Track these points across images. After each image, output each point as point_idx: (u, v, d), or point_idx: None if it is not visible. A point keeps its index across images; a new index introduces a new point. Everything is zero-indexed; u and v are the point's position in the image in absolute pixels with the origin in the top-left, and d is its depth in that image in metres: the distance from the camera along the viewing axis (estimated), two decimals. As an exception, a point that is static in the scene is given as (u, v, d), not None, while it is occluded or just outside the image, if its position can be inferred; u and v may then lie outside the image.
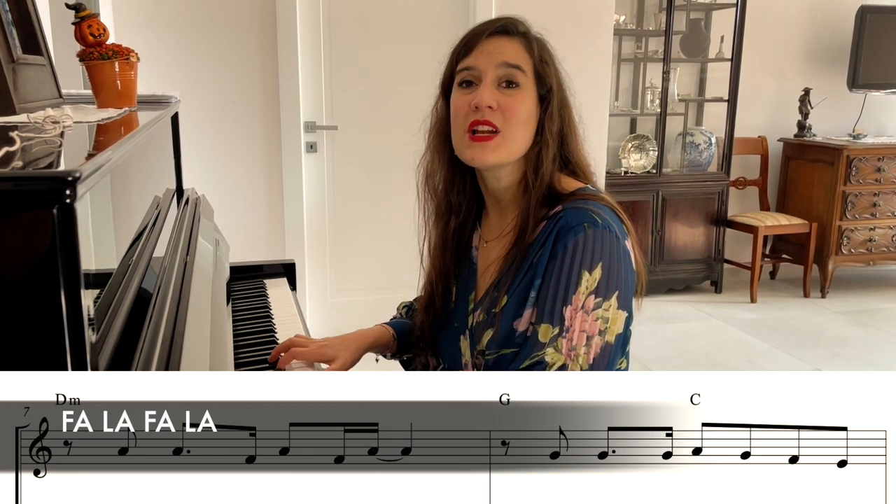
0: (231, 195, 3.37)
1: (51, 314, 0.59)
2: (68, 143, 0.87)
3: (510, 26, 1.21)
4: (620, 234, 1.15)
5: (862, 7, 4.52)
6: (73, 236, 0.59)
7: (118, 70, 1.31)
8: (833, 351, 3.66)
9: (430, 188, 1.31)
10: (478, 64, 1.18)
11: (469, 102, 1.17)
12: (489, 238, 1.29)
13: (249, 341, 1.47)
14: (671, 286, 4.53)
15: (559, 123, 1.22)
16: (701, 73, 4.68)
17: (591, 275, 1.11)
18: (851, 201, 4.43)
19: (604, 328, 1.12)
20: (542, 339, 1.12)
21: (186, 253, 1.35)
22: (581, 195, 1.19)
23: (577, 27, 3.63)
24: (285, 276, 1.90)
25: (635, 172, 4.42)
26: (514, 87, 1.18)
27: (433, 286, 1.34)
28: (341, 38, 3.43)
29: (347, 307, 3.61)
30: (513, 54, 1.18)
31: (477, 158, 1.18)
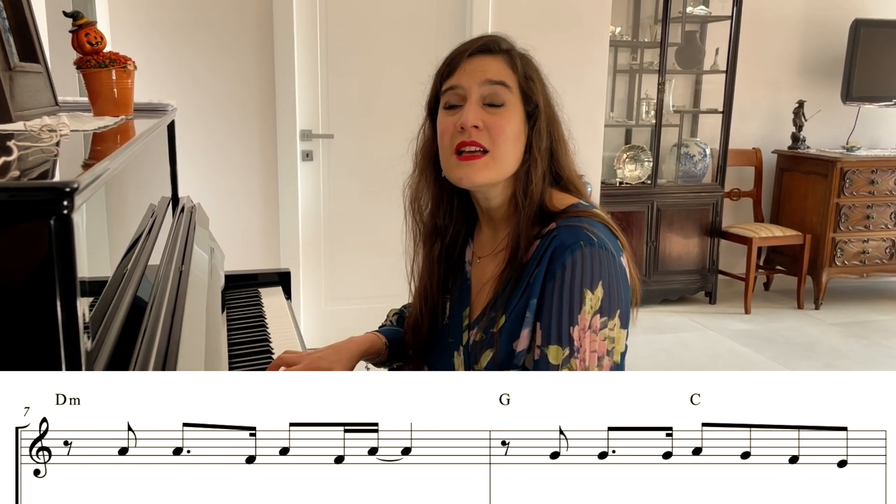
0: (226, 203, 3.36)
1: (47, 324, 0.59)
2: (65, 152, 0.87)
3: (492, 44, 1.19)
4: (616, 251, 1.14)
5: (856, 20, 4.55)
6: (69, 247, 0.59)
7: (115, 78, 1.31)
8: (827, 362, 3.66)
9: (416, 210, 1.30)
10: (461, 83, 1.17)
11: (455, 123, 1.16)
12: (482, 254, 1.28)
13: (244, 350, 1.47)
14: (665, 297, 4.54)
15: (548, 140, 1.20)
16: (696, 84, 4.70)
17: (593, 294, 1.09)
18: (845, 213, 4.45)
19: (611, 348, 1.11)
20: (554, 360, 1.10)
21: (182, 261, 1.35)
22: (574, 212, 1.17)
23: (573, 38, 3.65)
24: (280, 284, 1.90)
25: (630, 183, 4.43)
26: (499, 106, 1.16)
27: (420, 309, 1.32)
28: (338, 47, 3.44)
29: (342, 316, 3.60)
30: (496, 71, 1.17)
31: (465, 178, 1.17)
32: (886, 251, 4.59)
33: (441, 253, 1.30)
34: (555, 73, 1.30)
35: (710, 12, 4.48)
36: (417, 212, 1.30)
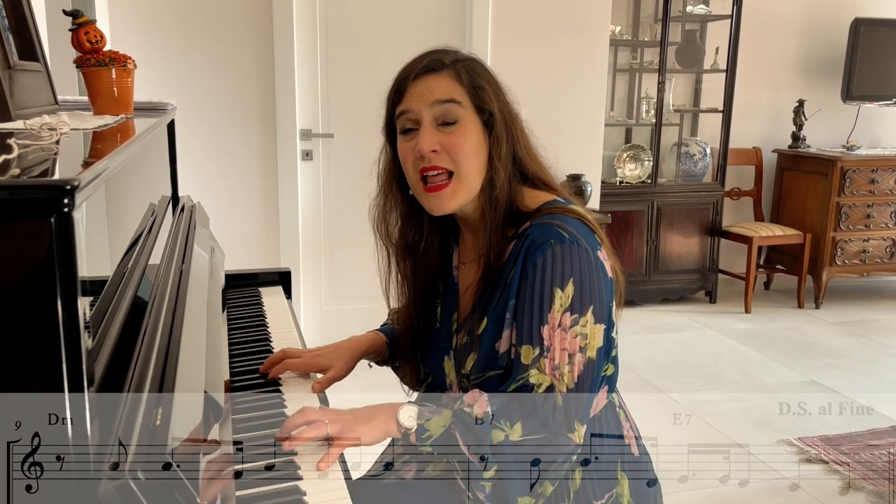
0: (226, 203, 3.36)
1: (47, 322, 0.59)
2: (65, 151, 0.87)
3: (435, 63, 1.18)
4: (591, 245, 1.13)
5: (856, 19, 4.55)
6: (70, 245, 0.59)
7: (115, 77, 1.31)
8: (827, 362, 3.66)
9: (385, 232, 1.29)
10: (412, 107, 1.17)
11: (413, 149, 1.16)
12: (466, 260, 1.29)
13: (245, 350, 1.47)
14: (665, 296, 4.53)
15: (508, 144, 1.19)
16: (696, 83, 4.70)
17: (563, 291, 1.09)
18: (845, 212, 4.45)
19: (584, 344, 1.11)
20: (525, 360, 1.11)
21: (182, 261, 1.34)
22: (548, 209, 1.17)
23: (573, 38, 3.64)
24: (280, 284, 1.90)
25: (630, 182, 4.43)
26: (453, 123, 1.15)
27: (404, 323, 1.34)
28: (338, 46, 3.44)
29: (342, 315, 3.60)
30: (444, 90, 1.15)
31: (436, 208, 1.18)
32: (887, 250, 4.59)
33: (415, 269, 1.30)
34: (555, 72, 1.30)
35: (710, 11, 4.48)
36: (385, 233, 1.29)
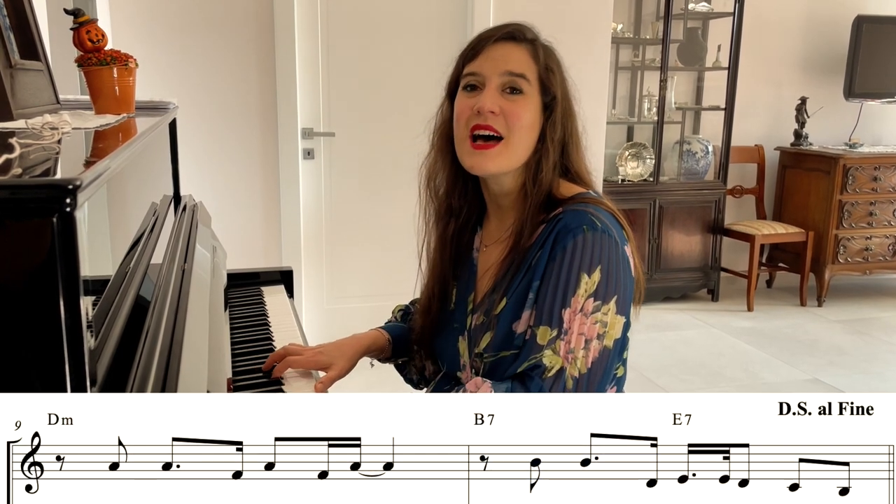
0: (228, 202, 3.36)
1: (49, 322, 0.59)
2: (67, 150, 0.86)
3: (518, 33, 1.21)
4: (620, 239, 1.15)
5: (858, 17, 4.54)
6: (72, 245, 0.59)
7: (116, 76, 1.30)
8: (829, 359, 3.66)
9: (432, 190, 1.31)
10: (482, 70, 1.19)
11: (472, 106, 1.17)
12: (489, 242, 1.30)
13: (247, 349, 1.47)
14: (668, 294, 4.53)
15: (561, 132, 1.22)
16: (698, 81, 4.69)
17: (590, 277, 1.10)
18: (848, 210, 4.44)
19: (602, 332, 1.11)
20: (541, 341, 1.11)
21: (184, 260, 1.34)
22: (581, 199, 1.19)
23: (574, 35, 3.63)
24: (282, 283, 1.90)
25: (632, 180, 4.42)
26: (517, 93, 1.18)
27: (431, 289, 1.34)
28: (339, 45, 3.43)
29: (344, 314, 3.60)
30: (517, 62, 1.18)
31: (477, 167, 1.19)
32: (889, 248, 4.58)
33: (454, 232, 1.31)
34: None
35: (712, 9, 4.47)
36: (433, 191, 1.31)
